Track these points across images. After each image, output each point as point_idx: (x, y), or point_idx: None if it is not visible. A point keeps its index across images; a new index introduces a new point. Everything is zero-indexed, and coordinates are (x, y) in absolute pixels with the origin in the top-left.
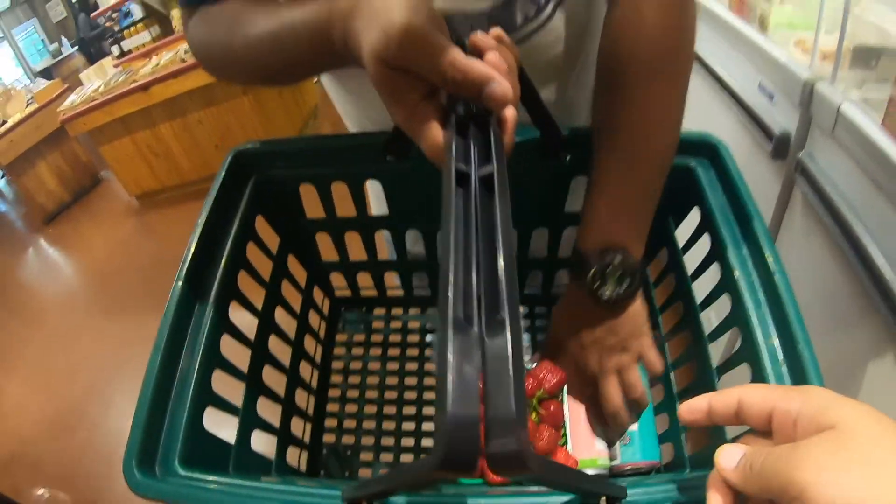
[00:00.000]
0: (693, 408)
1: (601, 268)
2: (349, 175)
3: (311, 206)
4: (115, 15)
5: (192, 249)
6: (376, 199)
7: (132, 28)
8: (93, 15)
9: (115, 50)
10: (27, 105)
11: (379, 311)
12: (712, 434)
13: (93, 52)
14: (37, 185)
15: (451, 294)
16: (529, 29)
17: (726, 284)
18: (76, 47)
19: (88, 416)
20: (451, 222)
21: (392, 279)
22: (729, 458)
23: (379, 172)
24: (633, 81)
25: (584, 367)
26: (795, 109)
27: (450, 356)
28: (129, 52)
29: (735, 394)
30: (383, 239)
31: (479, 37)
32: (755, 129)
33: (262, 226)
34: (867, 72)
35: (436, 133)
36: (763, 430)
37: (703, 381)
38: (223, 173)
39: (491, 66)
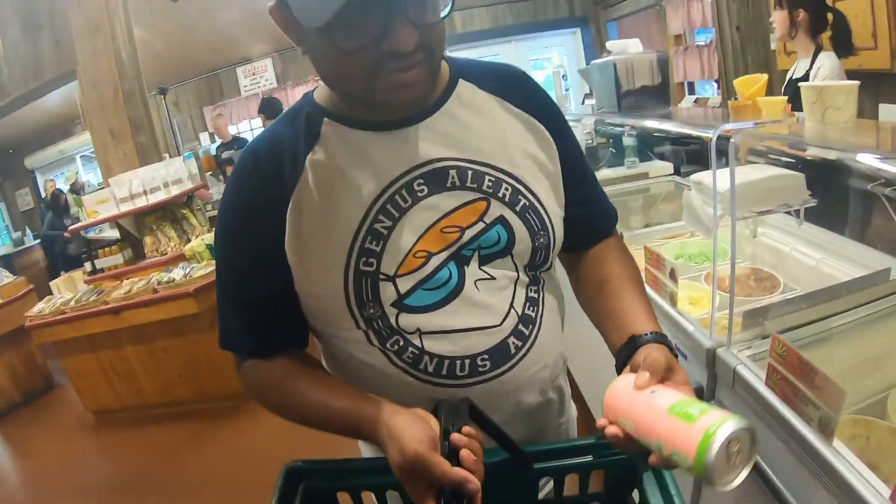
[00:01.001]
0: None
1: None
2: (374, 486)
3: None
4: None
5: None
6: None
7: (106, 249)
8: (70, 228)
9: (87, 266)
10: None
11: None
12: None
13: (56, 250)
14: None
15: None
16: (520, 355)
17: None
18: (38, 241)
19: None
20: None
21: None
22: None
23: (397, 485)
24: (620, 270)
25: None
26: (704, 368)
27: None
28: (102, 270)
29: None
30: None
31: (456, 437)
32: None
33: None
34: (756, 329)
35: None
36: None
37: None
38: (280, 484)
39: (464, 461)
